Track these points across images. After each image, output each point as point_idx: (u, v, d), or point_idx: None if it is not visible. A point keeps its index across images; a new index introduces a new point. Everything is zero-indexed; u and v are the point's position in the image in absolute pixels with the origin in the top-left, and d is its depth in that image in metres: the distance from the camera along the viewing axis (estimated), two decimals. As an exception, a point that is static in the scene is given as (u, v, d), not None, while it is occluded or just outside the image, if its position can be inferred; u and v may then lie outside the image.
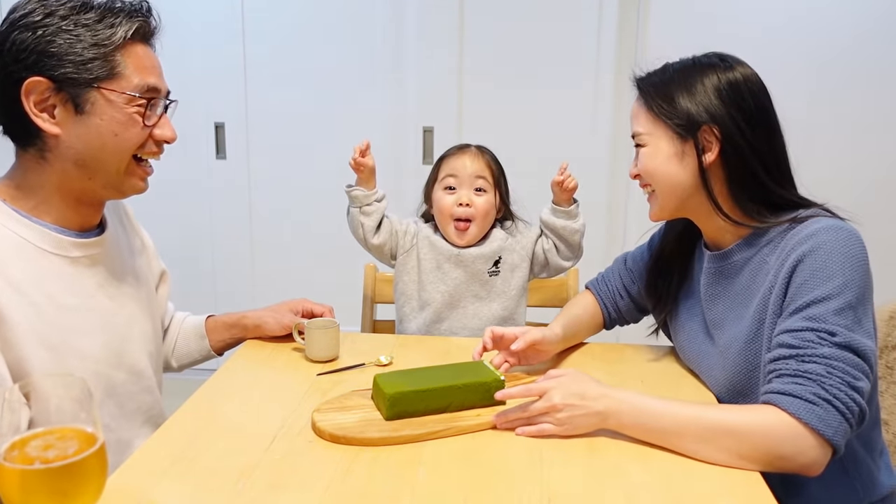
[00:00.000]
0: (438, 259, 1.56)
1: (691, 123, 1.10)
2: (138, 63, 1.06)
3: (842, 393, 0.93)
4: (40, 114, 1.01)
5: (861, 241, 1.02)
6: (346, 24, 2.72)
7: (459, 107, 2.73)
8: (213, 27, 2.69)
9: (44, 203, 1.07)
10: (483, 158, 1.56)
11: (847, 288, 0.97)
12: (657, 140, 1.14)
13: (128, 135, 1.06)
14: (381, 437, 1.02)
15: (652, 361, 1.34)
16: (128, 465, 0.94)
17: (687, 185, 1.13)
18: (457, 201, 1.53)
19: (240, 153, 2.86)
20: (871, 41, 2.56)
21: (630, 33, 2.65)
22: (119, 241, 1.21)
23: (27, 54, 0.99)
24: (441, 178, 1.56)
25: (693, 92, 1.11)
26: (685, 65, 1.17)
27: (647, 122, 1.15)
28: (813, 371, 0.94)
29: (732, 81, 1.12)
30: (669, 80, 1.15)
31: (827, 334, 0.96)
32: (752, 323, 1.09)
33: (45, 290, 1.04)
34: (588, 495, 0.89)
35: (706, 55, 1.18)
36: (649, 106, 1.15)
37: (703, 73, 1.13)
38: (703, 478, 0.93)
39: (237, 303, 2.73)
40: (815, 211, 1.08)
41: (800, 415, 0.92)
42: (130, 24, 1.05)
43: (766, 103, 1.15)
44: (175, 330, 1.43)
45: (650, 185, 1.18)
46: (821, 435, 0.92)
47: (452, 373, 1.14)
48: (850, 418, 0.93)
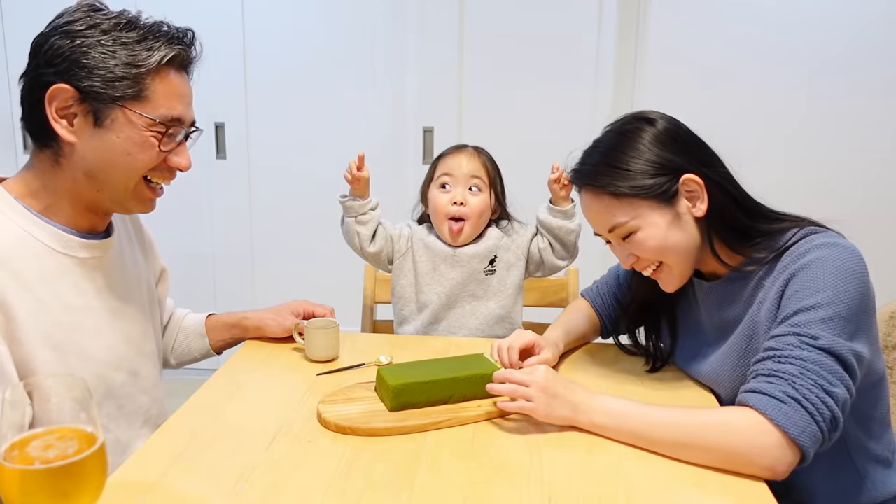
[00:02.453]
0: (434, 261, 1.56)
1: (669, 184, 1.07)
2: (169, 90, 1.06)
3: (812, 394, 0.91)
4: (60, 120, 1.02)
5: (857, 257, 1.00)
6: (347, 24, 2.72)
7: (459, 107, 2.73)
8: (213, 27, 2.69)
9: (55, 205, 1.07)
10: (479, 158, 1.56)
11: (838, 300, 0.96)
12: (647, 219, 1.09)
13: (141, 156, 1.06)
14: (387, 428, 1.03)
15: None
16: (128, 465, 0.94)
17: (695, 243, 1.11)
18: (451, 200, 1.53)
19: (240, 153, 2.86)
20: (871, 43, 2.56)
21: (630, 34, 2.65)
22: (123, 243, 1.22)
23: (60, 60, 1.00)
24: (437, 177, 1.56)
25: (645, 158, 1.08)
26: (613, 140, 1.12)
27: (623, 209, 1.09)
28: (786, 371, 0.94)
29: (667, 130, 1.10)
30: (613, 161, 1.09)
31: (809, 338, 0.95)
32: (745, 339, 1.10)
33: (53, 289, 1.04)
34: (588, 495, 0.89)
35: (622, 122, 1.15)
36: (616, 192, 1.08)
37: (637, 137, 1.10)
38: (702, 478, 0.93)
39: (237, 302, 2.74)
40: (809, 229, 1.07)
41: (766, 412, 0.92)
42: (168, 51, 1.04)
43: (698, 137, 1.13)
44: (174, 327, 1.43)
45: (659, 261, 1.13)
46: (786, 434, 0.90)
47: (454, 365, 1.16)
48: (820, 421, 0.91)
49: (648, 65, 2.65)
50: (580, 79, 2.68)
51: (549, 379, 1.04)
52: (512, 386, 1.05)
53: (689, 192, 1.09)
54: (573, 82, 2.68)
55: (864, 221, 2.64)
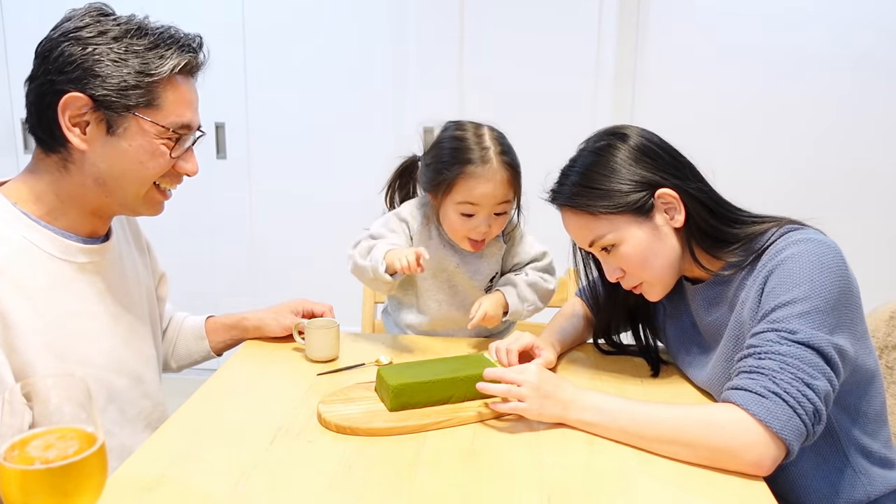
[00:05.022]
0: (437, 277, 1.49)
1: (644, 199, 1.09)
2: (178, 97, 1.06)
3: (793, 388, 0.92)
4: (73, 128, 1.01)
5: (834, 251, 1.01)
6: (347, 24, 2.72)
7: (460, 107, 2.73)
8: (213, 26, 2.69)
9: (57, 209, 1.07)
10: (506, 173, 1.34)
11: (815, 294, 0.97)
12: (628, 233, 1.11)
13: (152, 164, 1.06)
14: (387, 427, 1.03)
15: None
16: (128, 464, 0.94)
17: (676, 253, 1.13)
18: (474, 229, 1.36)
19: (240, 153, 2.86)
20: (873, 42, 2.55)
21: (630, 35, 2.65)
22: (122, 247, 1.22)
23: (73, 68, 0.99)
24: (458, 201, 1.34)
25: (620, 176, 1.10)
26: (587, 160, 1.14)
27: (603, 225, 1.11)
28: (766, 367, 0.95)
29: (640, 146, 1.12)
30: (589, 182, 1.11)
31: (787, 333, 0.96)
32: (732, 341, 1.10)
33: (52, 296, 1.04)
34: (588, 495, 0.89)
35: (595, 139, 1.16)
36: (594, 211, 1.11)
37: (611, 155, 1.11)
38: (702, 477, 0.93)
39: (237, 303, 2.74)
40: (788, 227, 1.08)
41: (748, 407, 0.93)
42: (180, 59, 1.04)
43: (672, 148, 1.14)
44: (174, 331, 1.43)
45: (642, 275, 1.14)
46: (769, 428, 0.91)
47: (454, 365, 1.16)
48: (802, 415, 0.92)
49: (648, 64, 2.65)
50: (580, 78, 2.68)
51: (541, 378, 1.05)
52: (505, 386, 1.06)
53: (666, 205, 1.11)
54: (573, 82, 2.68)
55: (864, 221, 2.64)
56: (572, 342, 1.39)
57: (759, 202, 1.19)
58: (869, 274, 1.44)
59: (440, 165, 1.36)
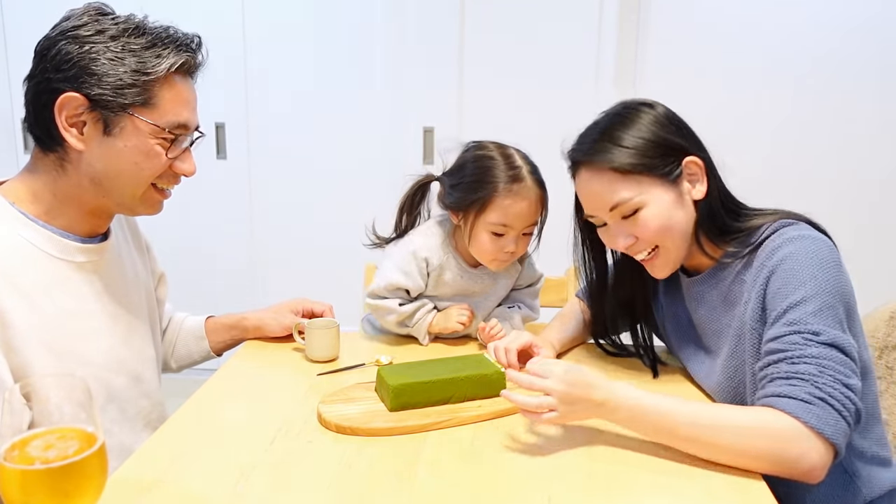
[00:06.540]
0: (453, 299, 1.47)
1: (673, 165, 1.08)
2: (176, 97, 1.05)
3: (836, 391, 0.92)
4: (69, 128, 1.01)
5: (829, 246, 1.02)
6: (347, 24, 2.72)
7: (459, 107, 2.73)
8: (213, 26, 2.69)
9: (55, 209, 1.07)
10: (538, 191, 1.34)
11: (821, 290, 0.97)
12: (654, 196, 1.07)
13: (148, 165, 1.06)
14: (387, 428, 1.03)
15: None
16: (128, 464, 0.94)
17: (691, 227, 1.11)
18: (503, 249, 1.35)
19: (240, 153, 2.86)
20: (873, 41, 2.55)
21: (630, 34, 2.65)
22: (121, 246, 1.21)
23: (69, 66, 0.99)
24: (491, 221, 1.33)
25: (647, 137, 1.07)
26: (612, 120, 1.11)
27: (628, 185, 1.07)
28: (805, 371, 0.94)
29: (667, 115, 1.11)
30: (614, 139, 1.07)
31: (811, 334, 0.95)
32: (732, 338, 1.10)
33: (50, 295, 1.04)
34: (588, 495, 0.89)
35: (621, 105, 1.14)
36: (620, 168, 1.06)
37: (637, 119, 1.09)
38: (704, 481, 0.92)
39: (237, 303, 2.72)
40: (781, 223, 1.07)
41: (798, 415, 0.91)
42: (177, 58, 1.04)
43: (693, 130, 1.14)
44: (174, 331, 1.43)
45: (656, 244, 1.11)
46: (821, 434, 0.90)
47: (454, 365, 1.16)
48: (847, 416, 0.92)
49: (648, 64, 2.65)
50: (581, 78, 2.67)
51: (568, 382, 0.98)
52: (536, 401, 0.99)
53: (691, 175, 1.10)
54: (574, 82, 2.68)
55: (865, 220, 2.64)
56: (572, 342, 1.39)
57: (760, 202, 1.19)
58: (869, 274, 1.44)
59: (472, 185, 1.34)
